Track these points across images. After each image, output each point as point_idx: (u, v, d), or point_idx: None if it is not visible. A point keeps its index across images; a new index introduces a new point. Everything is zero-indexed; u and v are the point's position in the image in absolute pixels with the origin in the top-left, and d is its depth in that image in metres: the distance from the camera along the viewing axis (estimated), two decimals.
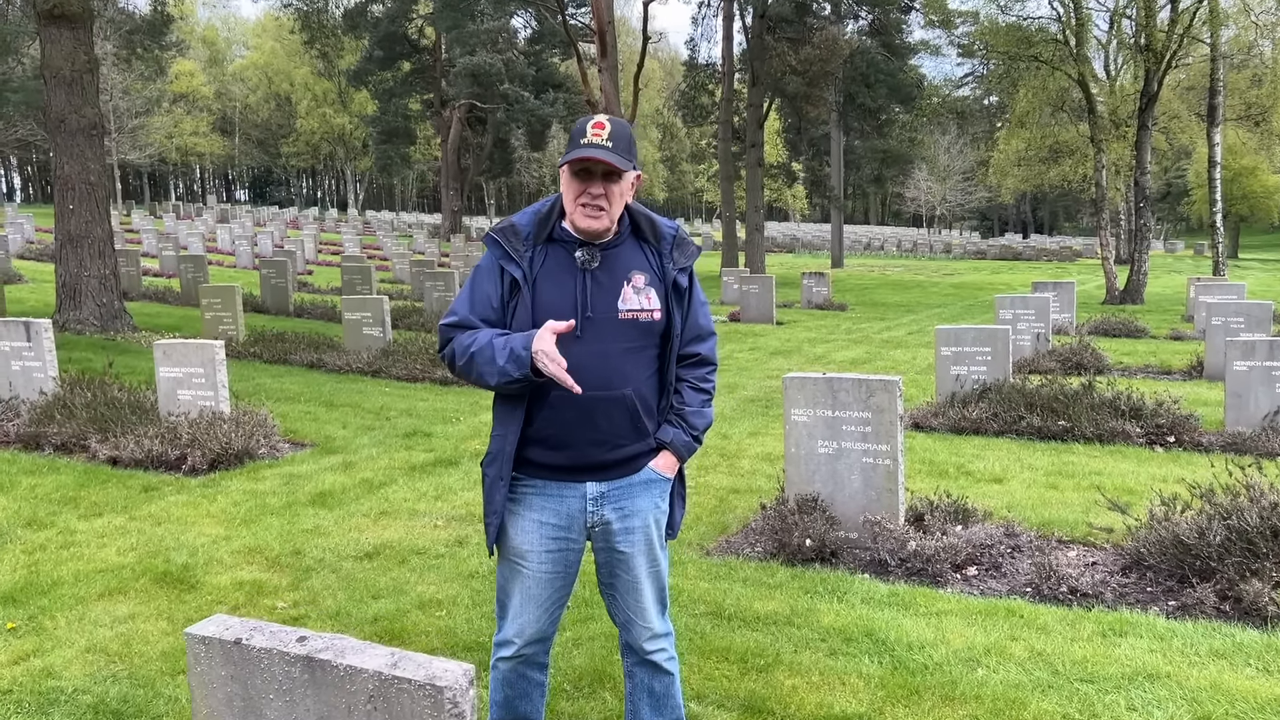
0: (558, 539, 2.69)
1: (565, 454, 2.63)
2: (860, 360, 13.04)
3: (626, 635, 2.85)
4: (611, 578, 2.79)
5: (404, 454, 7.50)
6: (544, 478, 2.67)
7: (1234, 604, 4.28)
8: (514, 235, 2.62)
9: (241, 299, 13.44)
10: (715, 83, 35.18)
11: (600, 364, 2.57)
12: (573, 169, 2.55)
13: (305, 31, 35.84)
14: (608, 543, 2.73)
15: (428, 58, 48.80)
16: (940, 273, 38.45)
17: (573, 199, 2.57)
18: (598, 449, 2.63)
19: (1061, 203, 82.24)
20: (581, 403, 2.56)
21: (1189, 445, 7.56)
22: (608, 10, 26.44)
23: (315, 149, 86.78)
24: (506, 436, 2.63)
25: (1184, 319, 18.22)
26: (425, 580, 4.77)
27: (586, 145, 2.51)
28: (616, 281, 2.61)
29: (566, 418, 2.59)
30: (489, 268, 2.66)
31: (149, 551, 5.16)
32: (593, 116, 2.56)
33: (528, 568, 2.70)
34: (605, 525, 2.70)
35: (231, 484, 6.54)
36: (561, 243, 2.62)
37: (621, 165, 2.53)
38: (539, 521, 2.68)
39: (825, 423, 5.26)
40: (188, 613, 4.35)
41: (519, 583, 2.73)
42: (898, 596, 4.52)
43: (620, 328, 2.60)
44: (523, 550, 2.70)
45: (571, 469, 2.65)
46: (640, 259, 2.66)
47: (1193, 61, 28.11)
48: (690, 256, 2.74)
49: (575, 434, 2.60)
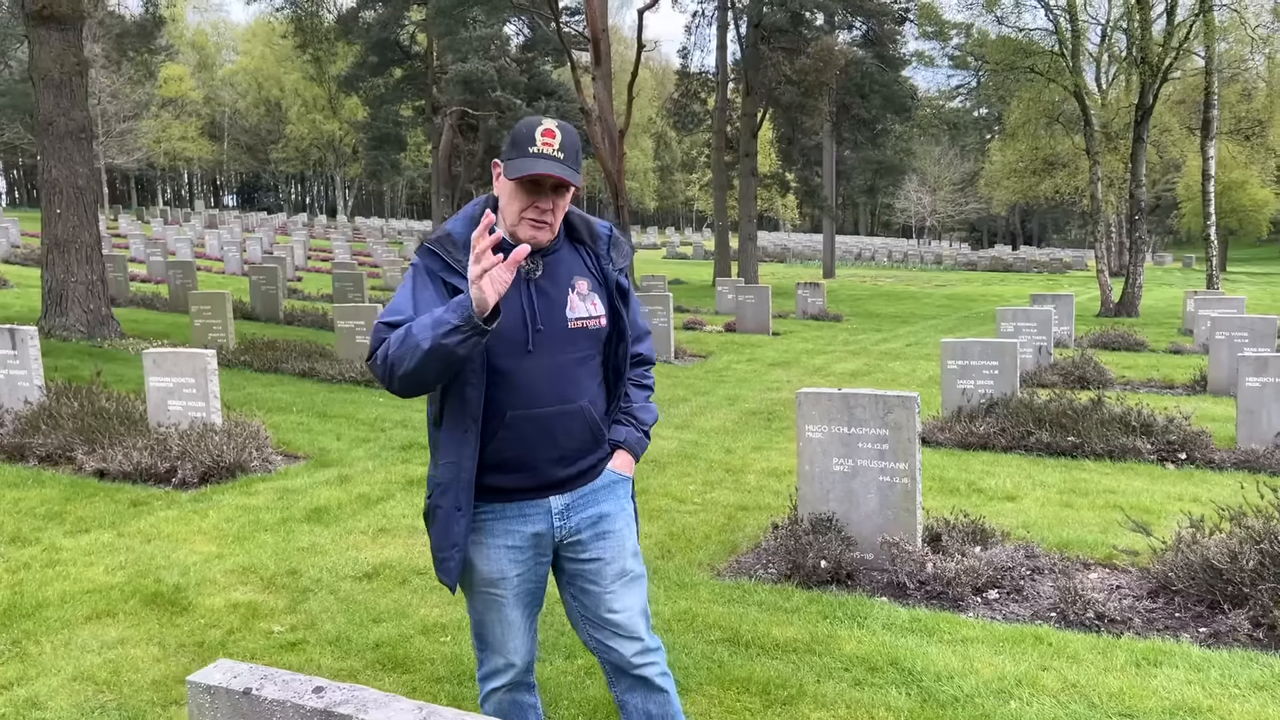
0: (526, 560, 2.54)
1: (525, 475, 2.47)
2: (860, 372, 12.90)
3: (609, 656, 2.62)
4: (583, 593, 2.60)
5: (401, 468, 7.31)
6: (503, 501, 2.49)
7: (1268, 632, 4.13)
8: (453, 245, 2.42)
9: (232, 306, 13.21)
10: (708, 91, 35.14)
11: (555, 377, 2.44)
12: (518, 180, 2.36)
13: (299, 35, 35.61)
14: (578, 554, 2.57)
15: (419, 64, 48.62)
16: (932, 284, 38.43)
17: (517, 211, 2.39)
18: (558, 466, 2.49)
19: (1051, 215, 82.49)
20: (540, 420, 2.43)
21: (1201, 462, 7.43)
22: (602, 19, 26.37)
23: (305, 155, 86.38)
24: (461, 464, 2.41)
25: (1181, 332, 18.17)
26: (428, 603, 4.58)
27: (536, 156, 2.32)
28: (561, 290, 2.46)
29: (526, 436, 2.43)
30: (427, 276, 2.42)
31: (139, 571, 4.96)
32: (540, 121, 2.37)
33: (502, 595, 2.54)
34: (575, 536, 2.56)
35: (223, 498, 6.34)
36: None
37: (574, 180, 2.36)
38: (505, 546, 2.51)
39: (841, 440, 5.10)
40: (180, 637, 4.16)
41: (496, 613, 2.56)
42: (919, 622, 4.35)
43: (570, 338, 2.46)
44: (494, 579, 2.52)
45: (533, 489, 2.49)
46: (579, 264, 2.52)
47: (1183, 75, 28.19)
48: (626, 257, 2.63)
49: (535, 453, 2.45)
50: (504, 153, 2.41)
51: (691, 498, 6.50)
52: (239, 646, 4.06)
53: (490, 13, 33.51)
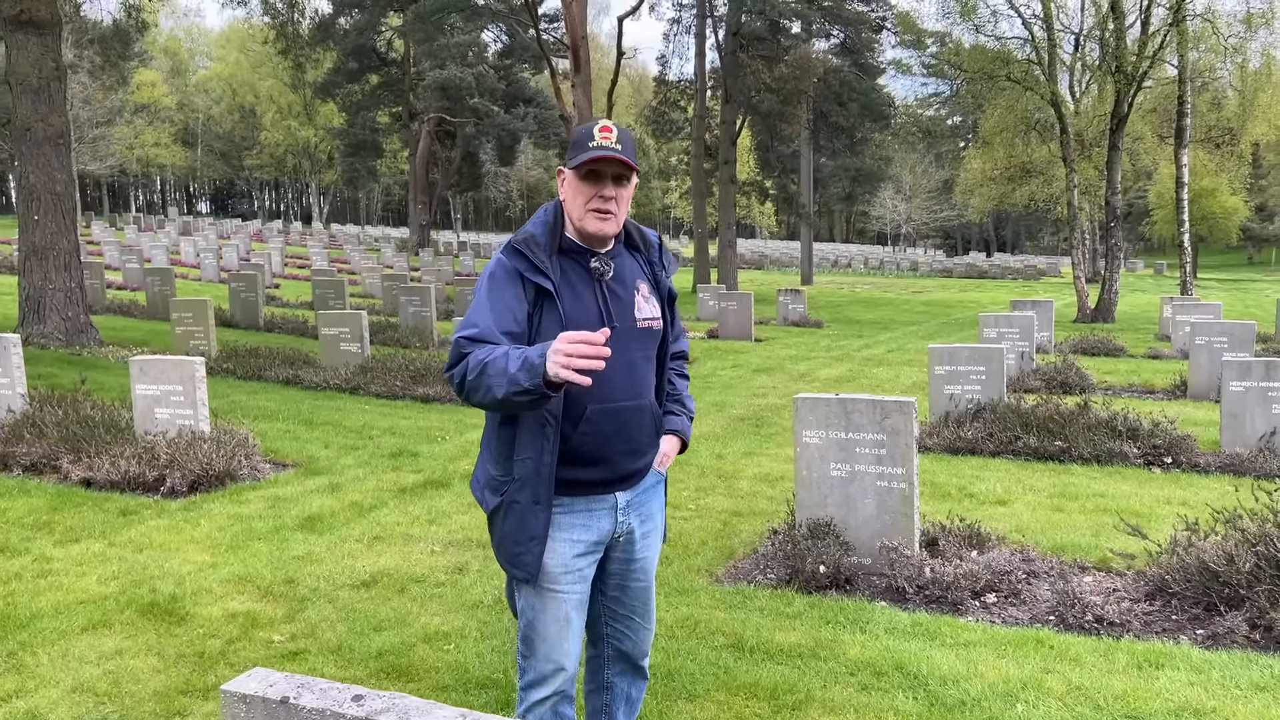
0: (588, 555, 2.62)
1: (600, 468, 2.57)
2: (844, 378, 12.95)
3: (623, 644, 2.83)
4: (621, 589, 2.76)
5: (392, 475, 7.27)
6: (573, 495, 2.56)
7: (1265, 633, 4.18)
8: (536, 246, 2.51)
9: (214, 313, 13.10)
10: (687, 99, 35.22)
11: (628, 374, 2.56)
12: (581, 172, 2.48)
13: (280, 41, 35.43)
14: (628, 551, 2.71)
15: (396, 71, 48.53)
16: (909, 290, 38.68)
17: (583, 203, 2.50)
18: (631, 459, 2.62)
19: (1024, 222, 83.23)
20: (619, 415, 2.55)
21: (1187, 466, 7.51)
22: (581, 26, 26.39)
23: (280, 161, 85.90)
24: (541, 458, 2.48)
25: (1158, 337, 18.36)
26: (428, 611, 4.55)
27: (597, 148, 2.44)
28: (629, 291, 2.60)
29: (605, 431, 2.54)
30: (507, 278, 2.50)
31: (132, 581, 4.90)
32: (597, 121, 2.51)
33: (565, 592, 2.59)
34: (629, 533, 2.69)
35: (214, 507, 6.27)
36: (570, 253, 2.55)
37: (633, 164, 2.51)
38: (571, 540, 2.58)
39: (838, 445, 5.12)
40: (179, 647, 4.11)
41: (555, 611, 2.59)
42: (921, 626, 4.37)
43: (638, 337, 2.59)
44: (557, 574, 2.57)
45: (604, 482, 2.59)
46: (637, 268, 2.65)
47: (1155, 85, 28.54)
48: (674, 265, 2.78)
49: (613, 446, 2.56)
50: (567, 155, 2.54)
51: (686, 504, 6.50)
52: (239, 656, 4.02)
53: (469, 19, 33.46)
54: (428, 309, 16.33)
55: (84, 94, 50.37)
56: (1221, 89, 33.14)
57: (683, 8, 34.23)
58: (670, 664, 3.91)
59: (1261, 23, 23.11)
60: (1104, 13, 24.64)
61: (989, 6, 25.58)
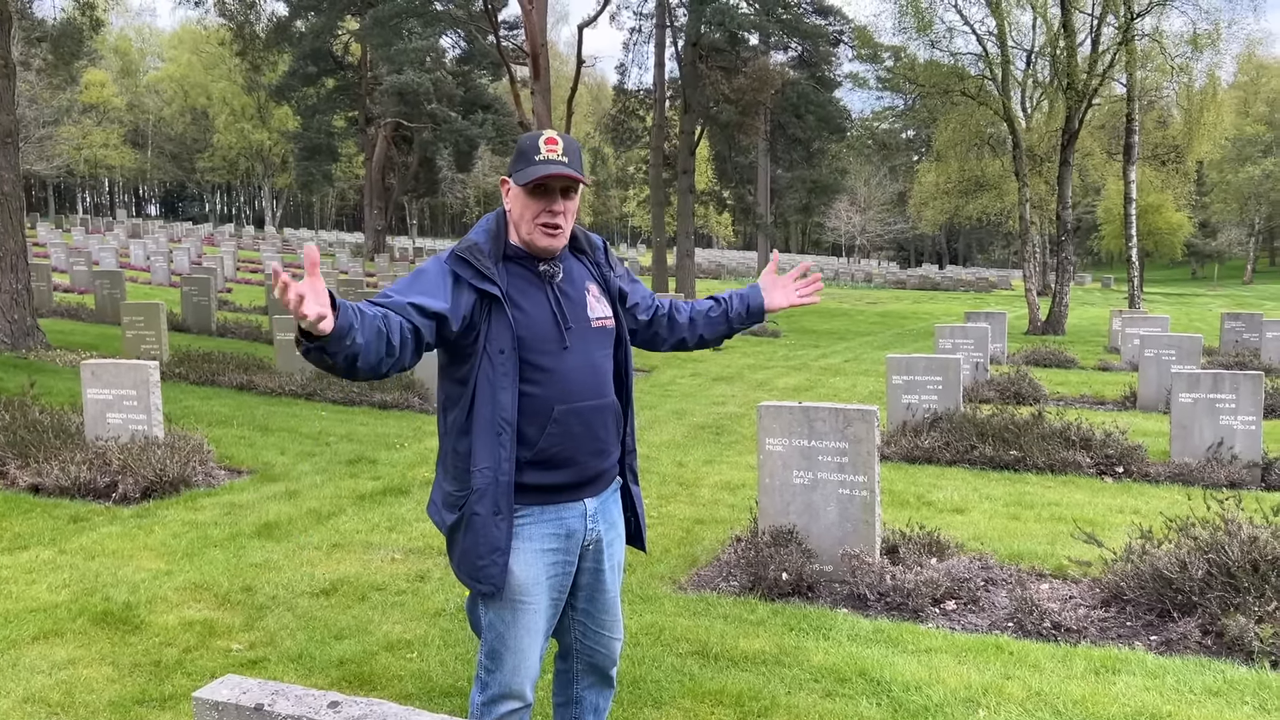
0: (559, 563, 2.58)
1: (569, 471, 2.53)
2: (802, 387, 13.04)
3: (594, 657, 2.79)
4: (591, 601, 2.72)
5: (350, 482, 7.19)
6: (541, 503, 2.52)
7: (1216, 639, 4.27)
8: (481, 254, 2.48)
9: (166, 317, 12.87)
10: (646, 108, 35.31)
11: (590, 373, 2.54)
12: (529, 188, 2.45)
13: (238, 42, 34.94)
14: (598, 560, 2.67)
15: (353, 75, 48.11)
16: (864, 301, 39.05)
17: (530, 218, 2.48)
18: (598, 459, 2.59)
19: (976, 235, 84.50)
20: (584, 414, 2.52)
21: (1138, 476, 7.66)
22: (541, 33, 26.36)
23: (233, 164, 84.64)
24: (499, 467, 2.43)
25: (1108, 350, 18.72)
26: (390, 619, 4.50)
27: (544, 162, 2.42)
28: (580, 291, 2.59)
29: (573, 431, 2.51)
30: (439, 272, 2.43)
31: (84, 589, 4.79)
32: (541, 132, 2.49)
33: (533, 603, 2.54)
34: (598, 541, 2.65)
35: (168, 514, 6.16)
36: (516, 260, 2.53)
37: (582, 179, 2.49)
38: (540, 550, 2.53)
39: (801, 453, 5.15)
40: (134, 656, 4.02)
41: (526, 623, 2.54)
42: (883, 633, 4.41)
43: (596, 336, 2.58)
44: (527, 586, 2.52)
45: (573, 486, 2.56)
46: (585, 271, 2.65)
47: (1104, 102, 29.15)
48: (620, 265, 2.78)
49: (581, 446, 2.53)
50: (510, 167, 2.52)
51: (648, 511, 6.50)
52: (197, 665, 3.94)
53: (427, 25, 33.28)
54: None
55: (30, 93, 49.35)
56: (1167, 108, 33.99)
57: (642, 18, 34.36)
58: (635, 672, 3.91)
59: (1207, 43, 23.70)
60: (1055, 31, 25.14)
61: (944, 23, 25.93)
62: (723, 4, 28.18)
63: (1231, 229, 76.90)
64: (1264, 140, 71.70)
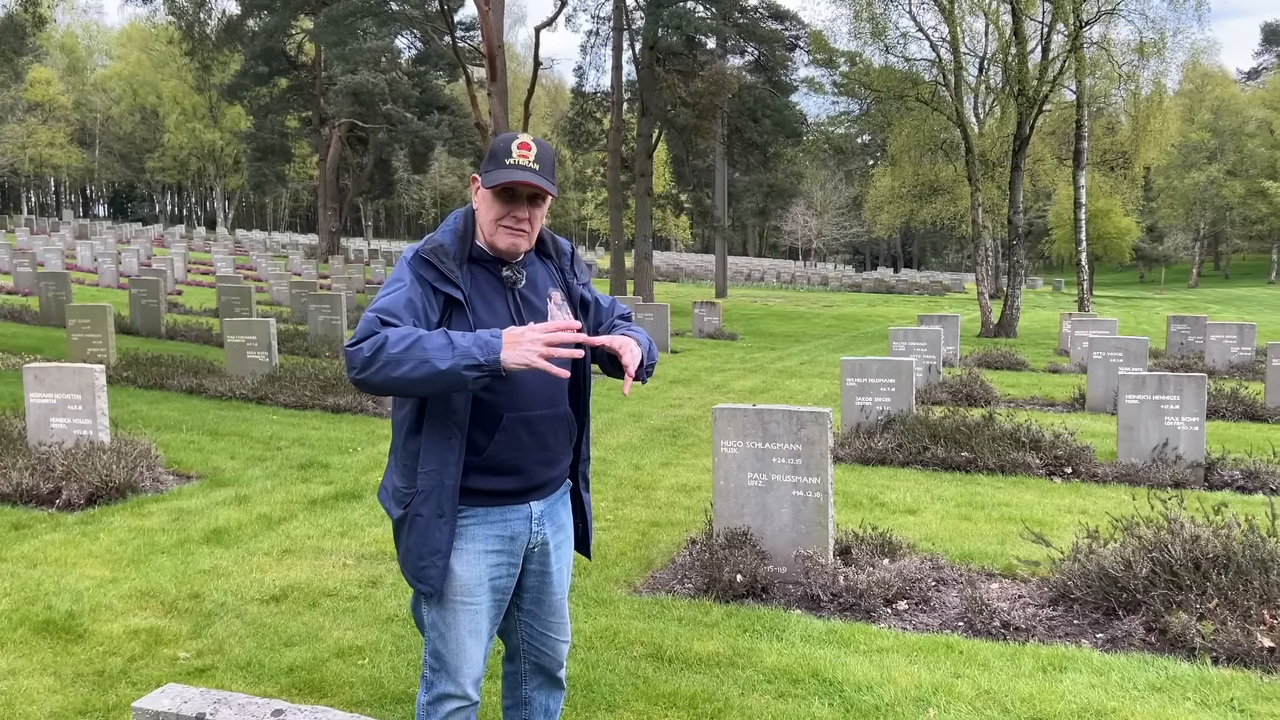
0: (502, 565, 2.57)
1: (516, 478, 2.53)
2: (758, 390, 13.11)
3: (542, 659, 2.79)
4: (537, 603, 2.72)
5: (301, 487, 7.10)
6: (486, 505, 2.51)
7: (1160, 636, 4.35)
8: (445, 255, 2.46)
9: (113, 320, 12.63)
10: (604, 111, 35.31)
11: (545, 382, 2.51)
12: (496, 190, 2.44)
13: (187, 42, 34.38)
14: (544, 563, 2.67)
15: (307, 75, 47.52)
16: (820, 304, 39.35)
17: (494, 220, 2.48)
18: (546, 468, 2.59)
19: (930, 239, 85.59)
20: (535, 424, 2.51)
21: (1086, 476, 7.79)
22: (497, 34, 26.26)
23: (183, 165, 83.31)
24: (445, 470, 2.41)
25: (1058, 352, 19.02)
26: (341, 625, 4.45)
27: (513, 167, 2.42)
28: (541, 299, 2.57)
29: (520, 439, 2.49)
30: (414, 282, 2.42)
31: (26, 598, 4.68)
32: (517, 135, 2.48)
33: (476, 604, 2.53)
34: (544, 544, 2.65)
35: (114, 520, 6.04)
36: (480, 262, 2.51)
37: (550, 190, 2.47)
38: (483, 551, 2.52)
39: (755, 455, 5.17)
40: (77, 666, 3.94)
41: (466, 624, 2.53)
42: (835, 633, 4.44)
43: None
44: (469, 587, 2.51)
45: (519, 492, 2.55)
46: (549, 276, 2.63)
47: (1054, 109, 29.66)
48: (586, 274, 2.76)
49: (528, 455, 2.53)
50: (483, 166, 2.50)
51: (603, 515, 6.50)
52: (142, 675, 3.87)
53: (382, 25, 32.99)
54: (338, 317, 16.02)
55: None
56: (1116, 114, 34.61)
57: (600, 20, 34.36)
58: (589, 675, 3.90)
59: (1153, 52, 24.20)
60: (1007, 38, 25.52)
61: (898, 29, 26.20)
62: (679, 8, 28.29)
63: (1177, 234, 78.62)
64: (1208, 147, 73.40)
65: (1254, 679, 3.92)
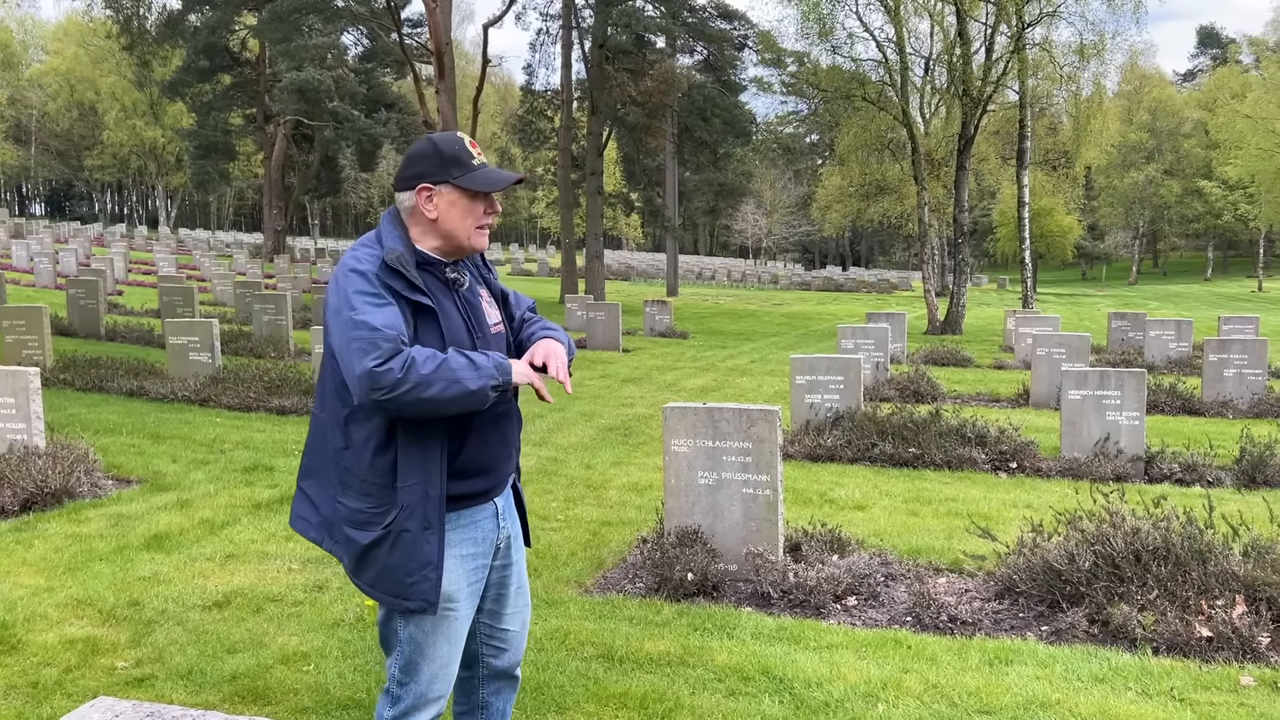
0: (479, 568, 2.56)
1: (487, 477, 2.54)
2: (709, 388, 13.14)
3: (498, 661, 2.76)
4: (499, 599, 2.70)
5: (245, 490, 6.97)
6: (459, 509, 2.49)
7: (1102, 627, 4.43)
8: (408, 264, 2.41)
9: (49, 321, 12.31)
10: (554, 109, 35.20)
11: None
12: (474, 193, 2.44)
13: (125, 36, 33.60)
14: (506, 557, 2.67)
15: (251, 71, 46.78)
16: (770, 302, 39.58)
17: (473, 222, 2.47)
18: (508, 463, 2.62)
19: (878, 237, 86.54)
20: (499, 421, 2.54)
21: (1030, 471, 7.91)
22: (445, 32, 26.07)
23: (124, 162, 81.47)
24: (430, 480, 2.36)
25: (1002, 349, 19.32)
26: (285, 631, 4.37)
27: (484, 167, 2.45)
28: (477, 299, 2.59)
29: (489, 439, 2.52)
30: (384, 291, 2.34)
31: None
32: (459, 136, 2.49)
33: (456, 610, 2.50)
34: (508, 538, 2.66)
35: (49, 527, 5.88)
36: (424, 267, 2.49)
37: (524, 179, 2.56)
38: (461, 556, 2.50)
39: (706, 453, 5.18)
40: (9, 677, 3.82)
41: (445, 631, 2.49)
42: (785, 630, 4.45)
43: (496, 342, 2.59)
44: (451, 594, 2.48)
45: (487, 491, 2.56)
46: (475, 275, 2.65)
47: (998, 109, 30.12)
48: (494, 269, 2.79)
49: (495, 455, 2.55)
50: (443, 172, 2.43)
51: (554, 515, 6.46)
52: (78, 685, 3.77)
53: (328, 21, 32.60)
54: (283, 317, 15.77)
55: None
56: (1058, 115, 35.22)
57: (549, 18, 34.25)
58: (540, 677, 3.87)
59: (1093, 53, 24.68)
60: (951, 39, 25.88)
61: (845, 29, 26.40)
62: (628, 6, 28.28)
63: (1118, 232, 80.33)
64: (1146, 147, 75.08)
65: (1193, 668, 4.01)
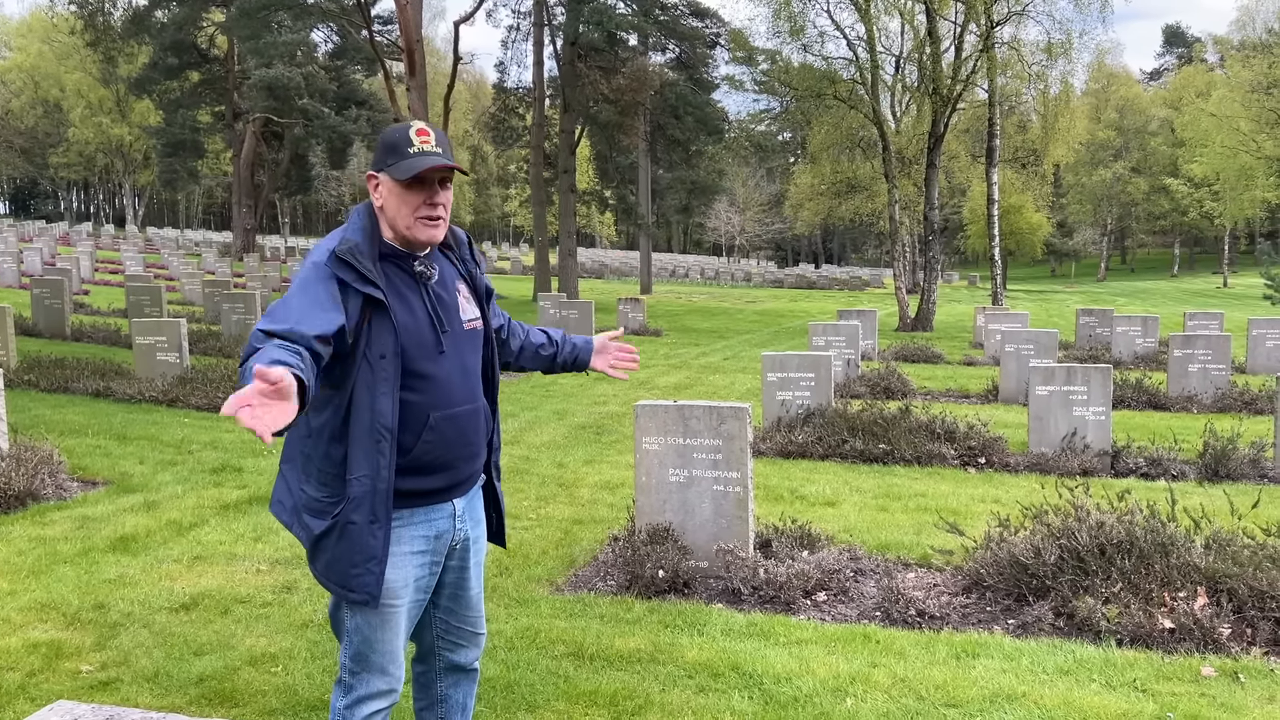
0: (428, 564, 2.55)
1: (442, 475, 2.52)
2: (682, 385, 13.16)
3: (456, 656, 2.77)
4: (453, 599, 2.70)
5: (213, 491, 6.91)
6: (413, 505, 2.48)
7: (1068, 620, 4.48)
8: (362, 254, 2.39)
9: (13, 321, 12.14)
10: (526, 107, 35.09)
11: (463, 378, 2.53)
12: (406, 181, 2.39)
13: (89, 32, 33.14)
14: (463, 559, 2.66)
15: (219, 68, 46.32)
16: (743, 300, 39.68)
17: (410, 212, 2.42)
18: (470, 463, 2.59)
19: (850, 235, 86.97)
20: (459, 419, 2.51)
21: (999, 466, 7.99)
22: (416, 29, 25.94)
23: (90, 160, 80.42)
24: (379, 474, 2.37)
25: (972, 345, 19.48)
26: (253, 632, 4.34)
27: (420, 154, 2.38)
28: (452, 294, 2.56)
29: (448, 438, 2.49)
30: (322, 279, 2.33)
31: None
32: (410, 123, 2.45)
33: (400, 604, 2.50)
34: (465, 540, 2.64)
35: (12, 530, 5.81)
36: (390, 259, 2.47)
37: (461, 169, 2.49)
38: (410, 553, 2.50)
39: (677, 451, 5.19)
40: None
41: (391, 626, 2.50)
42: (756, 626, 4.47)
43: (468, 339, 2.57)
44: (396, 589, 2.48)
45: (444, 489, 2.54)
46: (453, 268, 2.62)
47: (968, 107, 30.37)
48: (484, 261, 2.77)
49: (455, 452, 2.52)
50: (380, 161, 2.44)
51: (526, 513, 6.46)
52: (42, 690, 3.72)
53: (297, 17, 32.30)
54: (253, 317, 15.63)
55: None
56: (1027, 113, 35.59)
57: (520, 15, 34.10)
58: (510, 675, 3.87)
59: (1060, 52, 24.94)
60: (921, 38, 26.04)
61: (816, 28, 26.62)
62: (600, 4, 28.24)
63: (1086, 229, 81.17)
64: (1114, 145, 75.90)
65: (1156, 659, 4.06)
